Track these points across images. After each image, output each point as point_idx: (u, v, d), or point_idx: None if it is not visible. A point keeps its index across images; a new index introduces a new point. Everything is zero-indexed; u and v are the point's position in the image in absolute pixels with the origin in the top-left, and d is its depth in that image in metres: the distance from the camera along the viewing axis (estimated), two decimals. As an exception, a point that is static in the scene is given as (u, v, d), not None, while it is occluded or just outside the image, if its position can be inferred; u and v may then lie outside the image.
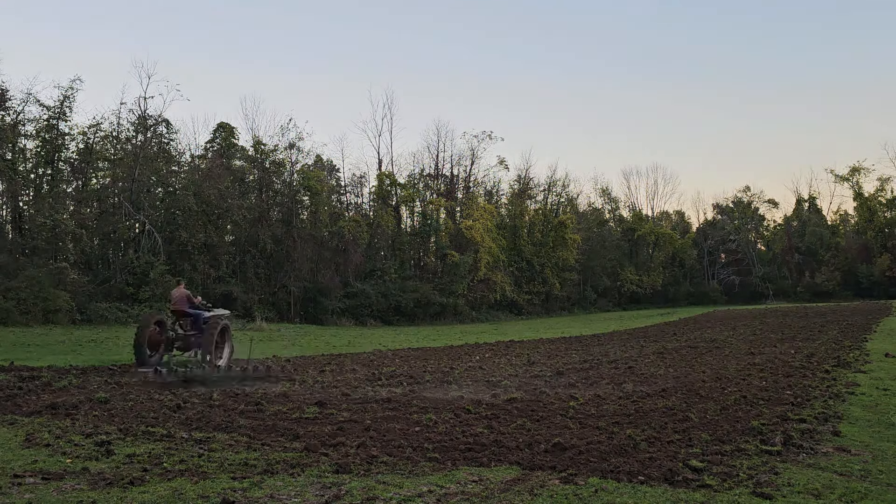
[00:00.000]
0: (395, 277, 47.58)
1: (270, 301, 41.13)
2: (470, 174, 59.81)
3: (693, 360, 15.96)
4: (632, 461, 6.23)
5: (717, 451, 6.59)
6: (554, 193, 65.71)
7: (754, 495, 5.16)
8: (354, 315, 42.99)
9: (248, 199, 42.79)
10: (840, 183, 74.58)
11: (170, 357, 13.88)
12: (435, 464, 6.30)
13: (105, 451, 6.58)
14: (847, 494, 5.24)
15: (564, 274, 60.16)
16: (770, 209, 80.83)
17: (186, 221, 37.45)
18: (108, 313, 31.05)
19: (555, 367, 14.63)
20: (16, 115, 33.86)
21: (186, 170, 42.49)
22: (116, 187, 37.70)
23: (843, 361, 14.59)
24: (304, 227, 44.54)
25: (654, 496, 5.19)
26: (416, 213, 55.85)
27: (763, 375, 12.49)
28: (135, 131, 39.89)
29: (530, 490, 5.38)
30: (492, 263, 52.43)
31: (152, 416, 8.72)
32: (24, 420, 8.36)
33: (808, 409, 8.94)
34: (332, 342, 25.22)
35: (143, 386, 11.54)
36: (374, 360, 17.17)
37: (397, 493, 5.29)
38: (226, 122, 45.60)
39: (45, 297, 28.26)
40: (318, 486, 5.50)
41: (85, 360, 15.97)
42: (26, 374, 12.61)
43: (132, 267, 34.67)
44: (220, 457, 6.46)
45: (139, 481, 5.53)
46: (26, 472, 5.75)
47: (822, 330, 25.39)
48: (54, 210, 32.75)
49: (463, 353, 19.75)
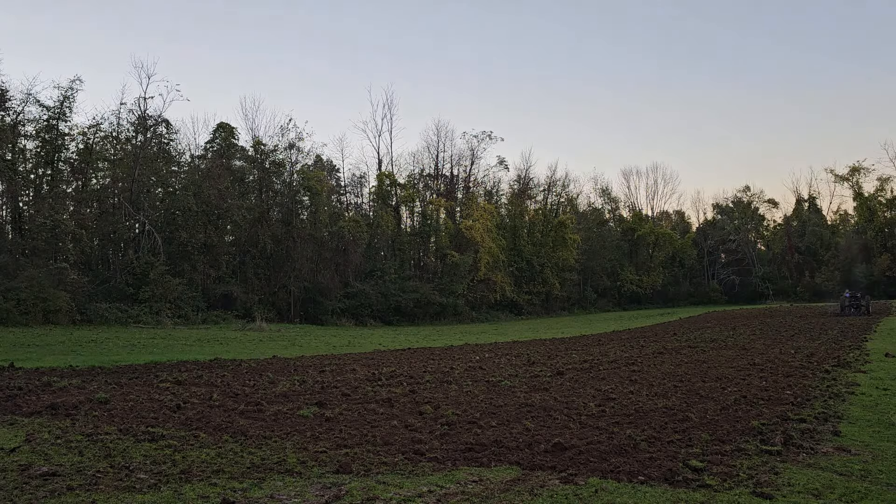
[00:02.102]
0: (395, 277, 47.57)
1: (270, 301, 41.12)
2: (470, 174, 59.84)
3: (692, 359, 15.95)
4: (632, 461, 6.23)
5: (717, 451, 6.58)
6: (554, 193, 65.75)
7: (754, 495, 5.15)
8: (354, 315, 42.98)
9: (248, 199, 42.79)
10: (840, 183, 74.60)
11: None
12: (435, 464, 6.29)
13: (105, 451, 6.58)
14: (847, 494, 5.23)
15: (564, 274, 60.15)
16: (770, 209, 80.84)
17: (186, 222, 37.44)
18: (108, 313, 31.04)
19: (555, 368, 14.62)
20: (16, 115, 33.87)
21: (186, 170, 42.49)
22: (116, 187, 37.70)
23: (843, 361, 14.59)
24: (304, 227, 44.52)
25: (654, 496, 5.18)
26: (416, 213, 55.85)
27: (763, 375, 12.49)
28: (135, 131, 39.89)
29: (530, 490, 5.37)
30: (492, 263, 52.41)
31: (152, 416, 8.71)
32: (24, 420, 8.36)
33: (808, 409, 8.93)
34: (332, 342, 25.21)
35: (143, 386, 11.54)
36: (374, 360, 17.16)
37: (397, 494, 5.28)
38: (226, 122, 45.66)
39: (45, 297, 28.26)
40: (318, 486, 5.49)
41: (85, 361, 15.97)
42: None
43: (132, 267, 34.66)
44: (220, 457, 6.46)
45: (139, 482, 5.53)
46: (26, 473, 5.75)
47: (823, 330, 25.38)
48: (54, 210, 32.74)
49: (463, 353, 19.74)
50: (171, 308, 34.01)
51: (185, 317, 34.46)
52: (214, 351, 20.08)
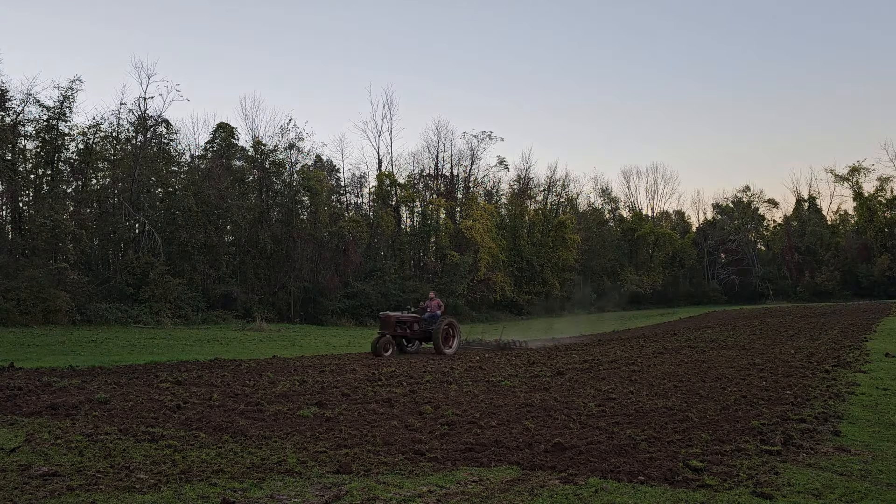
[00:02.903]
0: (395, 277, 47.58)
1: (270, 301, 41.12)
2: (470, 174, 59.85)
3: (692, 359, 15.95)
4: (632, 461, 6.23)
5: (717, 451, 6.58)
6: (554, 193, 65.77)
7: (754, 495, 5.15)
8: (354, 315, 42.98)
9: (247, 199, 42.79)
10: (840, 183, 74.60)
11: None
12: (435, 464, 6.29)
13: (105, 451, 6.58)
14: (847, 494, 5.23)
15: (564, 274, 60.18)
16: (770, 209, 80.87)
17: (186, 222, 37.45)
18: (108, 314, 31.04)
19: (555, 368, 14.63)
20: (16, 115, 33.87)
21: (186, 170, 42.50)
22: (116, 188, 37.70)
23: (843, 361, 14.58)
24: (304, 227, 44.52)
25: (654, 496, 5.18)
26: (415, 213, 55.87)
27: (763, 375, 12.49)
28: (135, 132, 39.90)
29: (530, 490, 5.37)
30: (492, 263, 52.42)
31: (152, 416, 8.71)
32: (24, 420, 8.36)
33: (808, 409, 8.93)
34: (332, 342, 25.22)
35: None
36: (374, 361, 17.17)
37: (397, 494, 5.28)
38: (226, 122, 45.65)
39: (44, 297, 28.26)
40: (318, 486, 5.49)
41: (85, 361, 15.97)
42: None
43: (132, 267, 34.67)
44: (220, 457, 6.46)
45: (139, 482, 5.53)
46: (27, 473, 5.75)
47: (823, 330, 25.38)
48: (54, 210, 32.74)
49: (463, 353, 19.75)
50: (171, 308, 34.01)
51: (185, 317, 34.46)
52: (214, 351, 20.08)
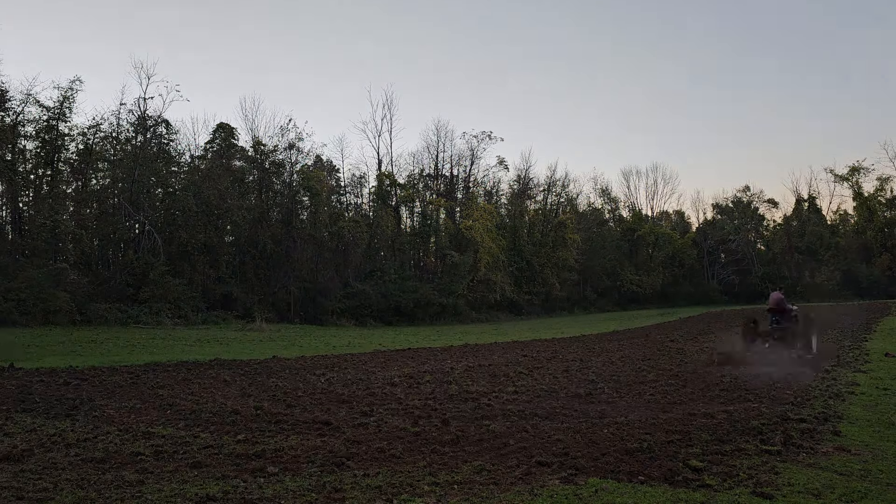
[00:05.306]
0: (395, 278, 47.55)
1: (270, 301, 41.09)
2: (470, 174, 59.80)
3: (693, 359, 15.96)
4: (632, 461, 6.23)
5: (717, 450, 6.59)
6: (554, 193, 65.67)
7: (754, 495, 5.15)
8: (354, 315, 42.95)
9: (247, 199, 42.77)
10: (840, 183, 74.51)
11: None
12: (435, 464, 6.29)
13: (105, 451, 6.58)
14: (847, 494, 5.23)
15: (564, 274, 60.12)
16: (770, 209, 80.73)
17: (186, 222, 37.44)
18: (108, 314, 31.02)
19: (555, 367, 14.63)
20: (15, 115, 33.87)
21: (186, 170, 42.46)
22: (116, 188, 37.68)
23: (843, 361, 14.59)
24: (304, 227, 44.50)
25: (654, 496, 5.19)
26: (415, 214, 55.81)
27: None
28: (134, 132, 39.88)
29: (530, 490, 5.38)
30: (492, 263, 52.40)
31: (152, 416, 8.72)
32: (25, 420, 8.36)
33: (808, 408, 8.94)
34: (332, 343, 25.21)
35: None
36: (375, 361, 17.16)
37: (398, 493, 5.29)
38: (225, 122, 45.56)
39: (44, 297, 28.24)
40: (318, 487, 5.50)
41: (85, 361, 15.97)
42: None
43: (132, 267, 34.66)
44: (220, 456, 6.46)
45: (139, 482, 5.53)
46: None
47: (822, 330, 25.36)
48: (54, 211, 32.74)
49: (463, 353, 19.74)
50: (170, 308, 34.00)
51: (185, 317, 34.45)
52: (214, 351, 20.08)
